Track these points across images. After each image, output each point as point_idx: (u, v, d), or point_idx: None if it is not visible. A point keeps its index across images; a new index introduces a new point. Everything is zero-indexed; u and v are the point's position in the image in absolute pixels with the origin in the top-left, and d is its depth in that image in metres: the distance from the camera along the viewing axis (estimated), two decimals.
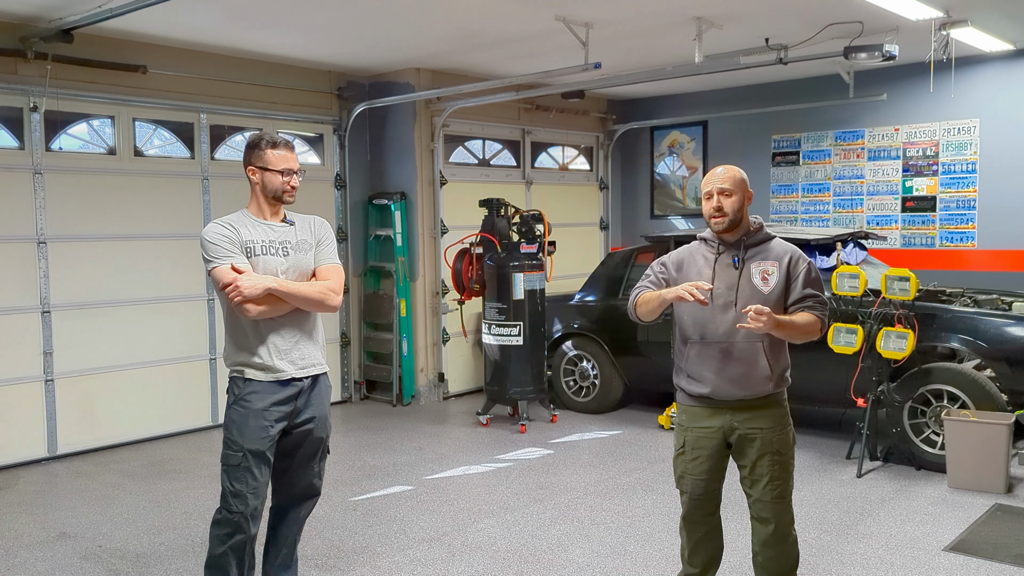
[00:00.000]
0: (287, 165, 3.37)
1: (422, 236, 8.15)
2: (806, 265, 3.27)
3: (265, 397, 3.32)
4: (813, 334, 3.23)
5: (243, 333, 3.34)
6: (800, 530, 4.46)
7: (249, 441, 3.31)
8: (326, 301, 3.39)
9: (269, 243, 3.38)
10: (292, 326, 3.37)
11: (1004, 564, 4.13)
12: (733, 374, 3.22)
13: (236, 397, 3.36)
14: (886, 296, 5.51)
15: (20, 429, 6.21)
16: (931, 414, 5.56)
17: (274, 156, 3.36)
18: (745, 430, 3.24)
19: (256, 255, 3.34)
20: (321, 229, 3.54)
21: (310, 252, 3.46)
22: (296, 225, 3.49)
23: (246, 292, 3.20)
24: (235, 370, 3.37)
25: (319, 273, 3.46)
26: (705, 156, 9.70)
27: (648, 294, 3.32)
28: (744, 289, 3.23)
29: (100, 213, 6.58)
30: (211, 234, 3.31)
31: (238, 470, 3.31)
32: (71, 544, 4.65)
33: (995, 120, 7.80)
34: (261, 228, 3.40)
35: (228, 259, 3.27)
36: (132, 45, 6.61)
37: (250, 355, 3.32)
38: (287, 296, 3.30)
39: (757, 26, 6.37)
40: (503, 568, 4.21)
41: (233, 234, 3.32)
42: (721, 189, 3.24)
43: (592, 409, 7.54)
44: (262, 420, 3.31)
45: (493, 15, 6.08)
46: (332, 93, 8.11)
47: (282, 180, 3.37)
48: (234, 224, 3.36)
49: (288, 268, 3.38)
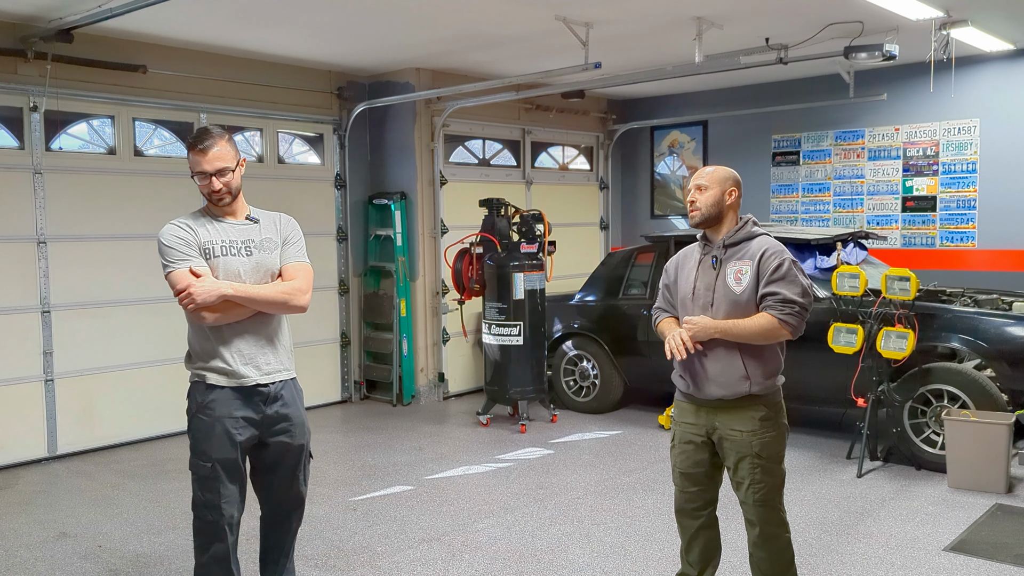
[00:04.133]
0: (201, 168, 3.15)
1: (422, 236, 8.15)
2: (776, 262, 3.15)
3: (229, 403, 3.18)
4: (774, 335, 3.13)
5: (204, 337, 3.20)
6: (800, 530, 4.47)
7: (217, 451, 3.18)
8: (290, 302, 3.23)
9: (230, 243, 3.22)
10: (254, 331, 3.22)
11: (1004, 564, 4.12)
12: (710, 373, 3.22)
13: (199, 405, 3.21)
14: (886, 296, 5.51)
15: (20, 429, 6.21)
16: (931, 414, 5.56)
17: (192, 159, 3.18)
18: (725, 431, 3.23)
19: (216, 256, 3.18)
20: (287, 227, 3.38)
21: (275, 251, 3.30)
22: (261, 223, 3.32)
23: (199, 299, 3.04)
24: (196, 375, 3.23)
25: (285, 272, 3.30)
26: (705, 156, 9.70)
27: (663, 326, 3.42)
28: (719, 289, 3.23)
29: (100, 213, 6.58)
30: (167, 236, 3.15)
31: (208, 480, 3.20)
32: (71, 544, 4.65)
33: (995, 120, 7.79)
34: (221, 227, 3.24)
35: (185, 262, 3.11)
36: (132, 45, 6.61)
37: (212, 360, 3.18)
38: (246, 301, 3.14)
39: (757, 26, 6.37)
40: (503, 568, 4.21)
41: (190, 235, 3.16)
42: (698, 185, 3.29)
43: (592, 409, 7.54)
44: (228, 428, 3.18)
45: (493, 15, 6.08)
46: (332, 93, 8.11)
47: (202, 183, 3.18)
48: (191, 225, 3.20)
49: (251, 269, 3.23)
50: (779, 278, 3.15)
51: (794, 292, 3.13)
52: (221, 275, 3.16)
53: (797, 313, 3.12)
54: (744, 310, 3.18)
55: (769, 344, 3.20)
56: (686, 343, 3.16)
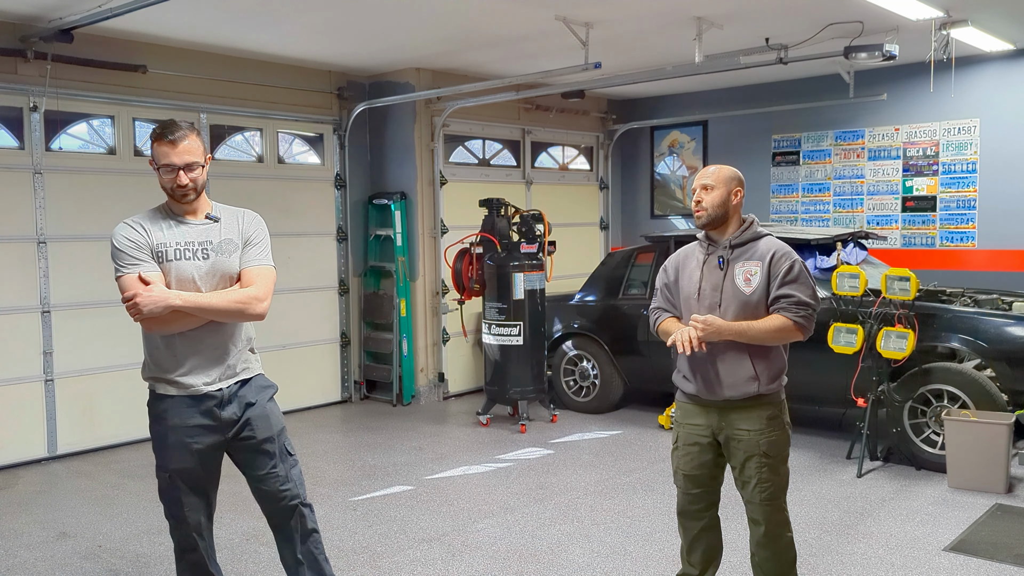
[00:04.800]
0: (169, 160, 2.95)
1: (422, 236, 8.15)
2: (788, 263, 3.19)
3: (181, 412, 3.03)
4: (786, 336, 3.16)
5: (155, 345, 3.05)
6: (800, 530, 4.46)
7: (173, 460, 3.05)
8: (247, 310, 3.01)
9: (185, 245, 3.02)
10: (206, 339, 3.03)
11: (1004, 564, 4.12)
12: (718, 374, 3.22)
13: (154, 414, 3.08)
14: (886, 296, 5.51)
15: (20, 429, 6.21)
16: (931, 414, 5.56)
17: (158, 150, 2.97)
18: (732, 431, 3.23)
19: (168, 260, 2.99)
20: (251, 226, 3.14)
21: (235, 253, 3.08)
22: (222, 222, 3.09)
23: (145, 310, 2.86)
24: (150, 384, 3.10)
25: (244, 277, 3.07)
26: (705, 156, 9.70)
27: (666, 326, 3.38)
28: (728, 290, 3.22)
29: (100, 213, 6.57)
30: (118, 238, 2.98)
31: (167, 490, 3.09)
32: (71, 544, 4.65)
33: (995, 120, 7.79)
34: (177, 228, 3.04)
35: (134, 267, 2.93)
36: (132, 45, 6.61)
37: (162, 369, 3.03)
38: (196, 311, 2.94)
39: (757, 26, 6.37)
40: (503, 568, 4.21)
41: (142, 236, 2.98)
42: (703, 184, 3.27)
43: (592, 409, 7.54)
44: (183, 437, 3.03)
45: (493, 15, 6.08)
46: (332, 93, 8.11)
47: (167, 177, 2.97)
48: (145, 225, 3.01)
49: (206, 273, 3.02)
50: (792, 280, 3.17)
51: (807, 294, 3.18)
52: (173, 281, 2.98)
53: (810, 315, 3.18)
54: (754, 311, 3.18)
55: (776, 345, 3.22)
56: (693, 341, 3.14)
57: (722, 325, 3.14)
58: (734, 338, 3.14)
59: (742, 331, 3.14)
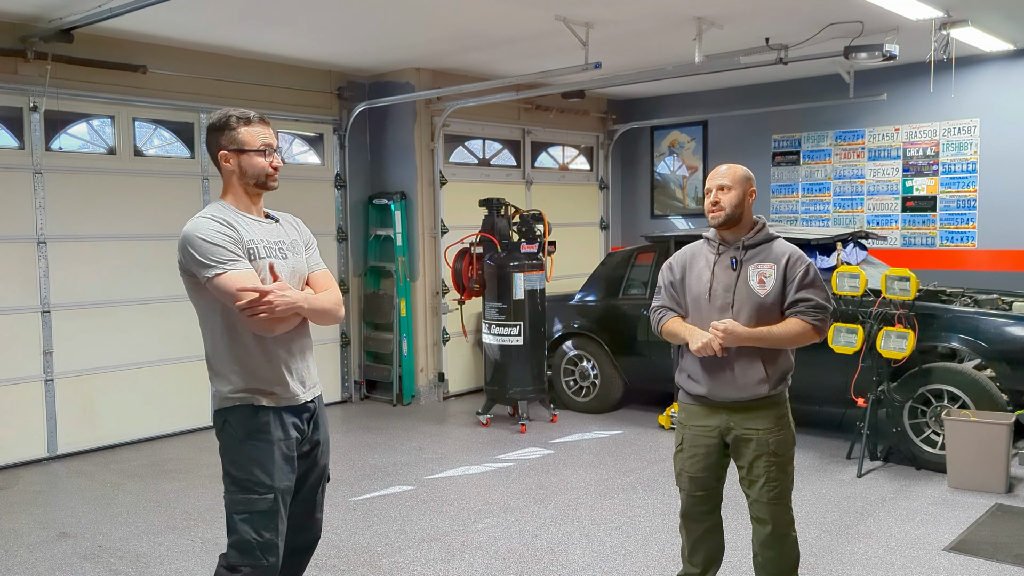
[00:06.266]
0: (266, 141, 2.80)
1: (422, 236, 8.15)
2: (804, 267, 3.20)
3: (283, 425, 2.79)
4: (805, 340, 3.17)
5: (248, 354, 2.75)
6: (800, 530, 4.45)
7: (279, 479, 2.74)
8: (339, 313, 2.93)
9: (272, 244, 2.83)
10: (298, 342, 2.86)
11: (1004, 564, 4.12)
12: (728, 376, 3.21)
13: (250, 429, 2.74)
14: (886, 296, 5.51)
15: (20, 429, 6.21)
16: (931, 414, 5.56)
17: (250, 133, 2.79)
18: (741, 431, 3.23)
19: (260, 258, 2.76)
20: (305, 230, 3.06)
21: (302, 255, 2.96)
22: (281, 222, 2.96)
23: (280, 309, 2.65)
24: (240, 399, 2.75)
25: (315, 281, 2.96)
26: (705, 156, 9.70)
27: (673, 326, 3.32)
28: (741, 291, 3.21)
29: (100, 213, 6.58)
30: (207, 232, 2.68)
31: (267, 516, 2.72)
32: (71, 544, 4.65)
33: (995, 120, 7.79)
34: (256, 226, 2.83)
35: (236, 263, 2.67)
36: (132, 45, 6.61)
37: (261, 379, 2.76)
38: (313, 314, 2.81)
39: (757, 26, 6.37)
40: (503, 568, 4.21)
41: (235, 233, 2.72)
42: (720, 185, 3.26)
43: (592, 409, 7.54)
44: (288, 452, 2.78)
45: (493, 15, 6.08)
46: (332, 93, 8.11)
47: (264, 161, 2.80)
48: (228, 220, 2.75)
49: (289, 274, 2.85)
50: (809, 284, 3.20)
51: (823, 298, 3.21)
52: (268, 280, 2.75)
53: (827, 319, 3.22)
54: (768, 313, 3.17)
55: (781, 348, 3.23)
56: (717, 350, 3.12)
57: (742, 332, 3.12)
58: (753, 344, 3.13)
59: (762, 336, 3.13)
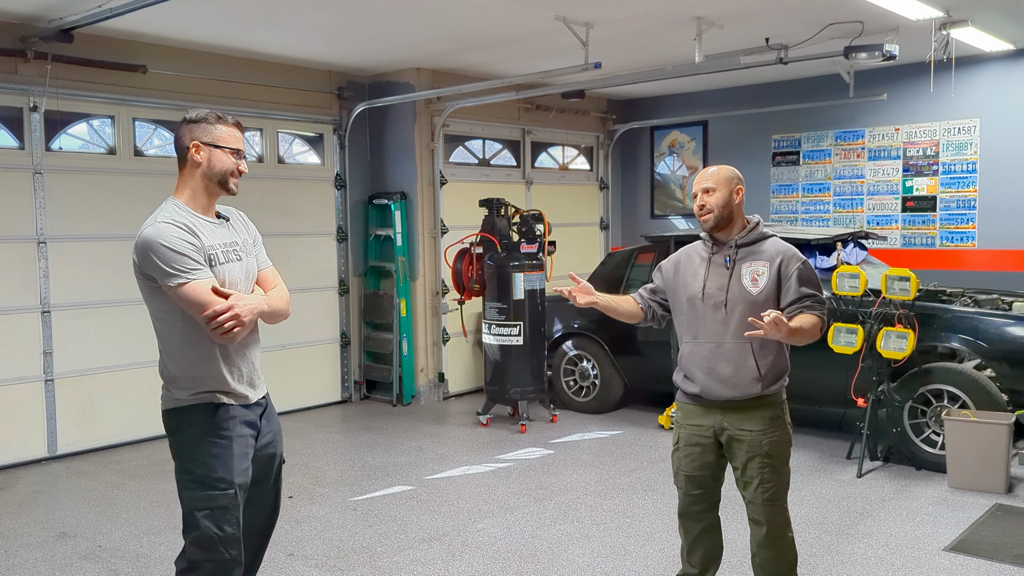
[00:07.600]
0: (239, 144, 2.85)
1: (422, 236, 8.15)
2: (799, 264, 3.22)
3: (239, 423, 2.85)
4: (816, 334, 3.20)
5: (205, 358, 2.79)
6: (800, 530, 4.46)
7: (238, 474, 2.81)
8: (289, 312, 2.95)
9: (226, 246, 2.83)
10: (249, 345, 2.90)
11: (1004, 564, 4.13)
12: (721, 374, 3.22)
13: (211, 427, 2.80)
14: (886, 296, 5.51)
15: (20, 429, 6.21)
16: (931, 414, 5.56)
17: (227, 132, 2.83)
18: (734, 431, 3.23)
19: (220, 264, 2.76)
20: (251, 224, 3.01)
21: (253, 254, 2.95)
22: (232, 221, 2.93)
23: (247, 320, 2.68)
24: (201, 398, 2.80)
25: (264, 279, 2.96)
26: (705, 156, 9.70)
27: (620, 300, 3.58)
28: (733, 290, 3.22)
29: (100, 213, 6.57)
30: (172, 239, 2.66)
31: (228, 511, 2.78)
32: (71, 544, 4.65)
33: (995, 120, 7.79)
34: (211, 228, 2.81)
35: (198, 272, 2.67)
36: (132, 45, 6.61)
37: (219, 380, 2.81)
38: (271, 317, 2.84)
39: (757, 26, 6.37)
40: (503, 568, 4.21)
41: (197, 240, 2.72)
42: (705, 188, 3.27)
43: (592, 409, 7.54)
44: (245, 448, 2.86)
45: (493, 15, 6.08)
46: (332, 93, 8.11)
47: (233, 161, 2.83)
48: (189, 225, 2.74)
49: (244, 276, 2.85)
50: (808, 280, 3.23)
51: (821, 292, 3.27)
52: (226, 285, 2.78)
53: (826, 312, 3.26)
54: (760, 311, 3.15)
55: (775, 346, 3.23)
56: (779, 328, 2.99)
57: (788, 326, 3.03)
58: (790, 338, 3.08)
59: (795, 331, 3.08)
